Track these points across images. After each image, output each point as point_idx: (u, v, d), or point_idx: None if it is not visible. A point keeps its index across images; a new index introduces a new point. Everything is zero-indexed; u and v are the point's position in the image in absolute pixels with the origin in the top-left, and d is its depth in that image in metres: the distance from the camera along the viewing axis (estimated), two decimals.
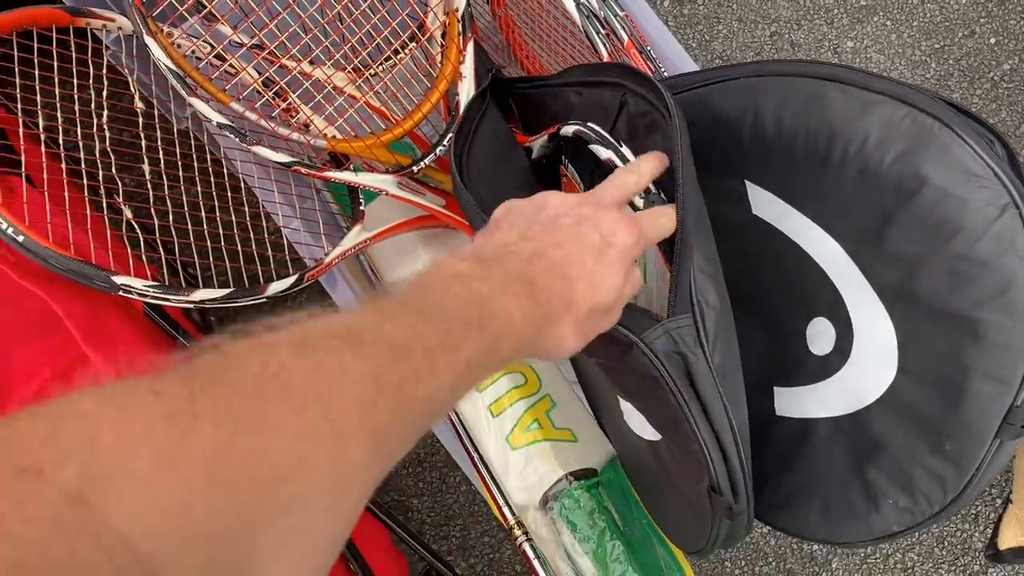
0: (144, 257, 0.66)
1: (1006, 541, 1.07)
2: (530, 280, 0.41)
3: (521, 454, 0.73)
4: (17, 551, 0.20)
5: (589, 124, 0.57)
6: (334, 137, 0.75)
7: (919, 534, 1.15)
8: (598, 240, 0.45)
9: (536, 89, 0.64)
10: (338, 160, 0.79)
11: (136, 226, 0.67)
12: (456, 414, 0.76)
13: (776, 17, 1.21)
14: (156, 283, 0.63)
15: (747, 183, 0.59)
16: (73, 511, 0.21)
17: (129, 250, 0.66)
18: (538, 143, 0.64)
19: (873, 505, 0.53)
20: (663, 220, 0.50)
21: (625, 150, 0.55)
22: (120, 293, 0.63)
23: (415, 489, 1.14)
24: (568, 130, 0.59)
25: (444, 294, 0.37)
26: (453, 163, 0.61)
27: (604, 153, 0.55)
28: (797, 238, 0.57)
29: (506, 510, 0.71)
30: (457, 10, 0.75)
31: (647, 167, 0.51)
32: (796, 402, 0.57)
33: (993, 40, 1.20)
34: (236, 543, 0.25)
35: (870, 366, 0.53)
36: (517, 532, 0.71)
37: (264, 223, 0.74)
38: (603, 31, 0.77)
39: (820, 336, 0.56)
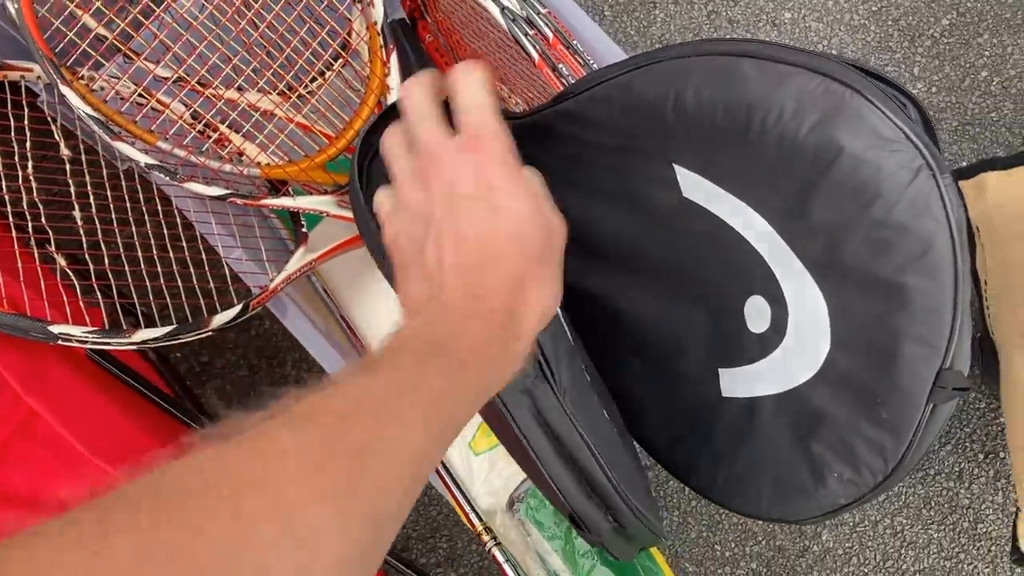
0: (83, 303, 0.66)
1: None
2: (475, 296, 0.39)
3: (484, 459, 0.73)
4: None
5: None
6: (268, 164, 0.75)
7: (904, 496, 1.15)
8: (473, 187, 0.41)
9: None
10: (275, 186, 0.79)
11: (71, 273, 0.66)
12: None
13: None
14: (95, 329, 0.63)
15: (675, 167, 0.58)
16: None
17: (65, 298, 0.65)
18: None
19: (820, 480, 0.53)
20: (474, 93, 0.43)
21: None
22: (59, 342, 0.62)
23: None
24: None
25: (391, 362, 0.35)
26: (355, 158, 0.59)
27: None
28: (727, 218, 0.57)
29: (473, 517, 0.71)
30: (376, 23, 0.74)
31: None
32: (740, 382, 0.57)
33: None
34: None
35: (805, 340, 0.53)
36: (486, 537, 0.71)
37: (204, 256, 0.74)
38: (531, 32, 0.76)
39: (757, 314, 0.56)
